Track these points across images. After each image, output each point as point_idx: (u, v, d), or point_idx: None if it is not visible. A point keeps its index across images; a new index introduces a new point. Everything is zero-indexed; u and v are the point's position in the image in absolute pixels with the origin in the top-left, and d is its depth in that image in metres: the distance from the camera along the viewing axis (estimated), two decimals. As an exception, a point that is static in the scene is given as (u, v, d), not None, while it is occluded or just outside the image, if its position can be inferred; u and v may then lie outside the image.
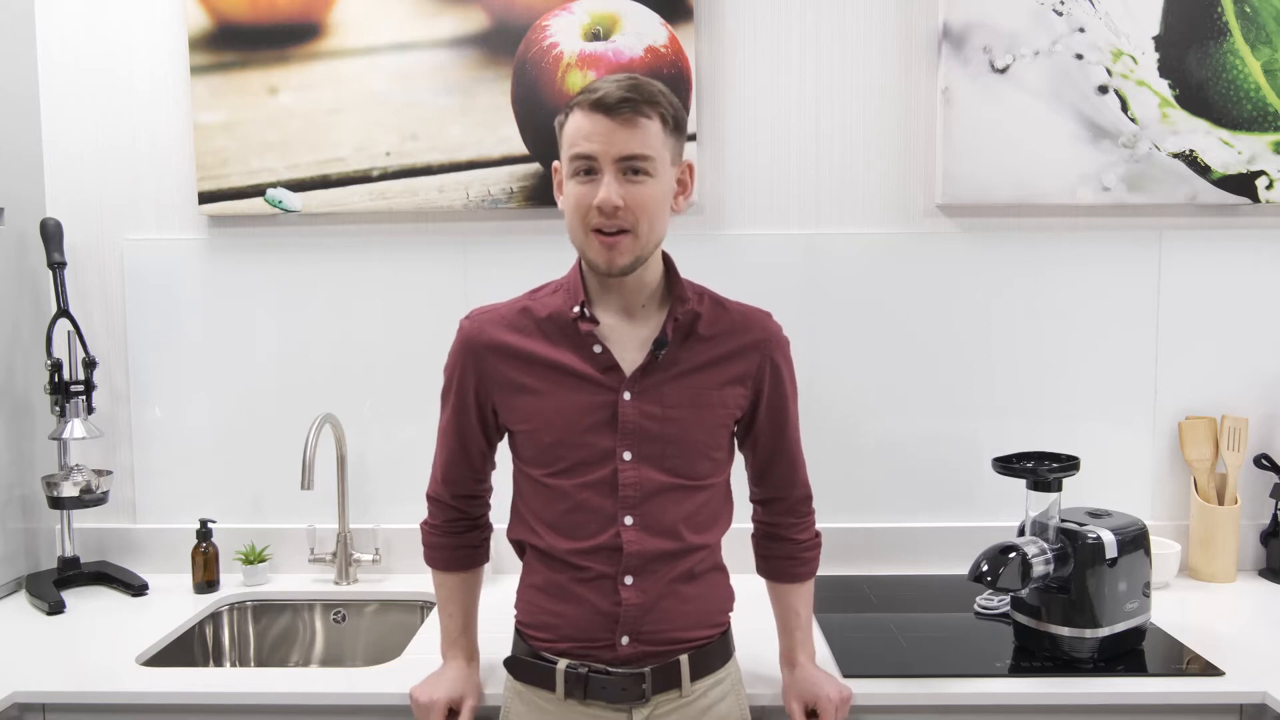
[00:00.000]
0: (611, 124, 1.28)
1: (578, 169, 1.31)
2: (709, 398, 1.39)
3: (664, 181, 1.33)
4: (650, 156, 1.30)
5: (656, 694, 1.37)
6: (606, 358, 1.36)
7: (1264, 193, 2.00)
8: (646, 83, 1.31)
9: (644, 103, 1.29)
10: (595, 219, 1.30)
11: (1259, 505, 2.07)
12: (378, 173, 2.04)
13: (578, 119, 1.30)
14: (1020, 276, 2.06)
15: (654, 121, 1.30)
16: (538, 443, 1.38)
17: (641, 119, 1.29)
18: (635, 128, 1.28)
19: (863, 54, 2.04)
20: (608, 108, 1.28)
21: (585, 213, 1.30)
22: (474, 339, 1.41)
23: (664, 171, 1.33)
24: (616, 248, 1.30)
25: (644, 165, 1.30)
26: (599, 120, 1.28)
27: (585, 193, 1.30)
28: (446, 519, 1.50)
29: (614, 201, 1.28)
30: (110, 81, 2.09)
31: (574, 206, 1.32)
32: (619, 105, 1.27)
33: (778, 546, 1.51)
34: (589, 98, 1.29)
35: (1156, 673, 1.57)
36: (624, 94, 1.28)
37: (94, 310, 2.12)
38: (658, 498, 1.36)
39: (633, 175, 1.30)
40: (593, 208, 1.29)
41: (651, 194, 1.31)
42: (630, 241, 1.31)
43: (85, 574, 2.04)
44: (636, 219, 1.30)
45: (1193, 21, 1.97)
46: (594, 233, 1.31)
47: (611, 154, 1.28)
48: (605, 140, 1.28)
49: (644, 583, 1.36)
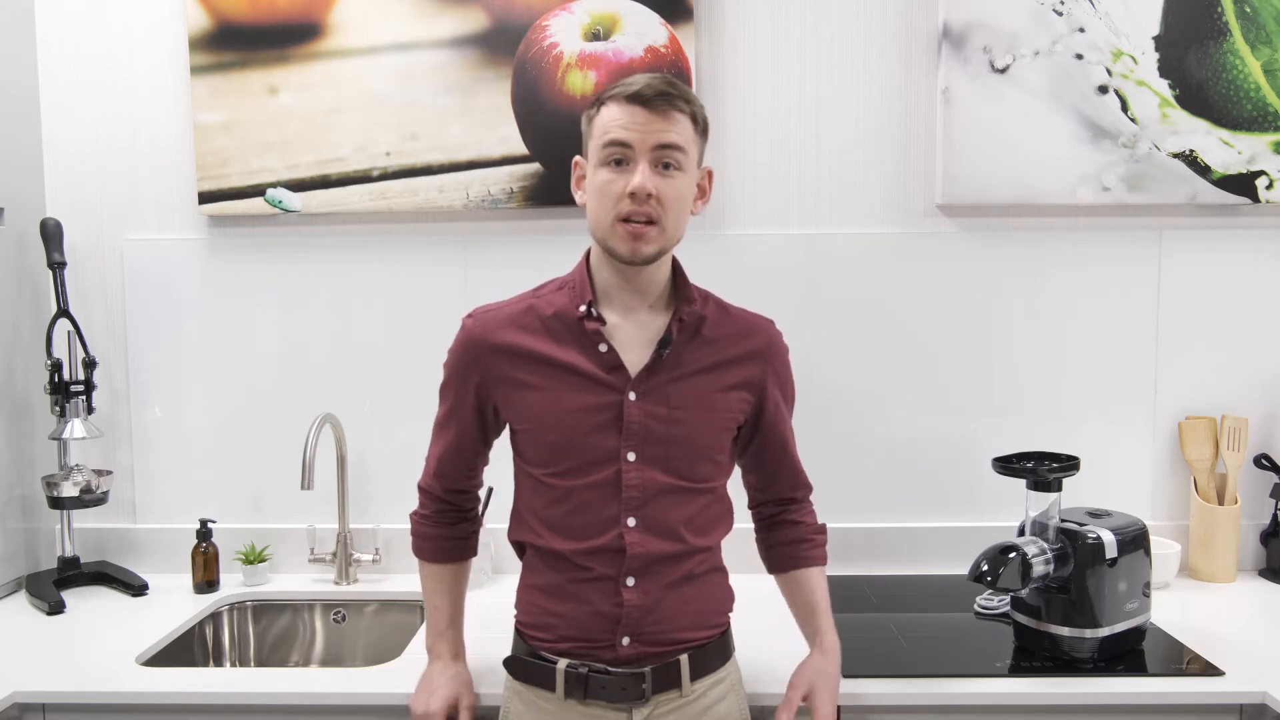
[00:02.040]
0: (649, 114, 1.29)
1: (609, 157, 1.31)
2: (714, 400, 1.39)
3: (691, 179, 1.35)
4: (684, 148, 1.32)
5: (656, 694, 1.36)
6: (612, 357, 1.36)
7: (1264, 193, 2.00)
8: (679, 81, 1.34)
9: (680, 98, 1.31)
10: (626, 207, 1.30)
11: (1259, 505, 2.07)
12: (378, 173, 2.04)
13: (612, 110, 1.31)
14: (1020, 276, 2.06)
15: (686, 118, 1.32)
16: (540, 442, 1.38)
17: (676, 112, 1.31)
18: (670, 120, 1.30)
19: (863, 54, 2.04)
20: (645, 100, 1.29)
21: (616, 199, 1.30)
22: (477, 338, 1.40)
23: (692, 169, 1.35)
24: (643, 237, 1.31)
25: (676, 158, 1.31)
26: (636, 111, 1.30)
27: (616, 180, 1.30)
28: (436, 510, 1.51)
29: (648, 187, 1.28)
30: (110, 81, 2.09)
31: (602, 194, 1.32)
32: (656, 98, 1.29)
33: (785, 531, 1.50)
34: (625, 90, 1.30)
35: (1156, 673, 1.57)
36: (662, 88, 1.30)
37: (94, 310, 2.12)
38: (660, 499, 1.36)
39: (664, 169, 1.31)
40: (624, 195, 1.29)
41: (681, 188, 1.33)
42: (657, 233, 1.31)
43: (85, 574, 2.04)
44: (665, 211, 1.31)
45: (1193, 21, 1.97)
46: (620, 221, 1.31)
47: (648, 143, 1.29)
48: (642, 130, 1.29)
49: (645, 584, 1.36)
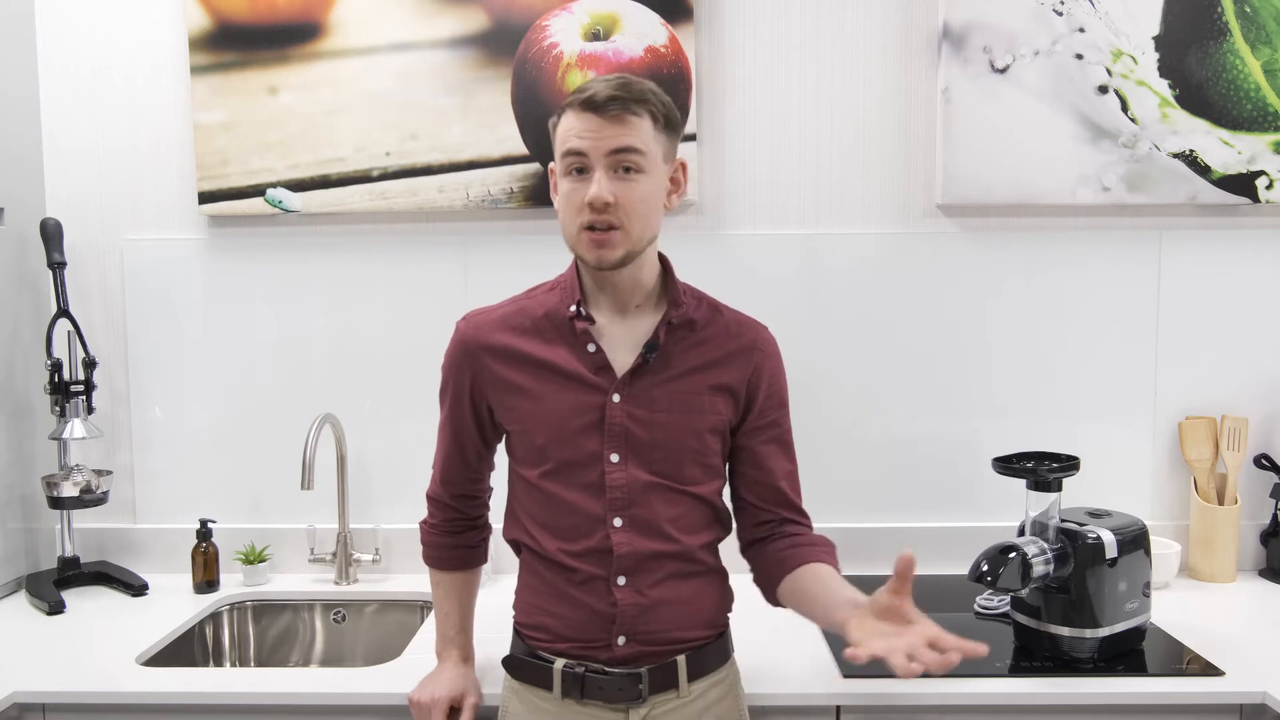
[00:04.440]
0: (601, 121, 1.28)
1: (569, 167, 1.31)
2: (699, 403, 1.38)
3: (655, 179, 1.33)
4: (640, 150, 1.30)
5: (654, 694, 1.36)
6: (600, 357, 1.36)
7: (1264, 193, 2.00)
8: (636, 81, 1.32)
9: (633, 100, 1.29)
10: (587, 215, 1.30)
11: (1259, 505, 2.07)
12: (378, 173, 2.04)
13: (569, 119, 1.31)
14: (1020, 276, 2.06)
15: (644, 119, 1.31)
16: (529, 444, 1.38)
17: (630, 116, 1.29)
18: (624, 125, 1.29)
19: (863, 54, 2.04)
20: (597, 106, 1.28)
21: (578, 209, 1.30)
22: (469, 341, 1.41)
23: (655, 169, 1.33)
24: (606, 244, 1.30)
25: (634, 161, 1.30)
26: (589, 119, 1.29)
27: (577, 190, 1.30)
28: (445, 519, 1.51)
29: (604, 197, 1.28)
30: (110, 81, 2.09)
31: (566, 204, 1.32)
32: (608, 103, 1.28)
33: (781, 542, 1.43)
34: (579, 98, 1.30)
35: (1156, 673, 1.57)
36: (612, 92, 1.28)
37: (94, 310, 2.12)
38: (646, 498, 1.36)
39: (623, 173, 1.30)
40: (584, 204, 1.29)
41: (642, 191, 1.31)
42: (620, 237, 1.31)
43: (85, 574, 2.04)
44: (627, 216, 1.30)
45: (1193, 21, 1.97)
46: (585, 230, 1.31)
47: (601, 149, 1.29)
48: (595, 137, 1.29)
49: (638, 583, 1.36)
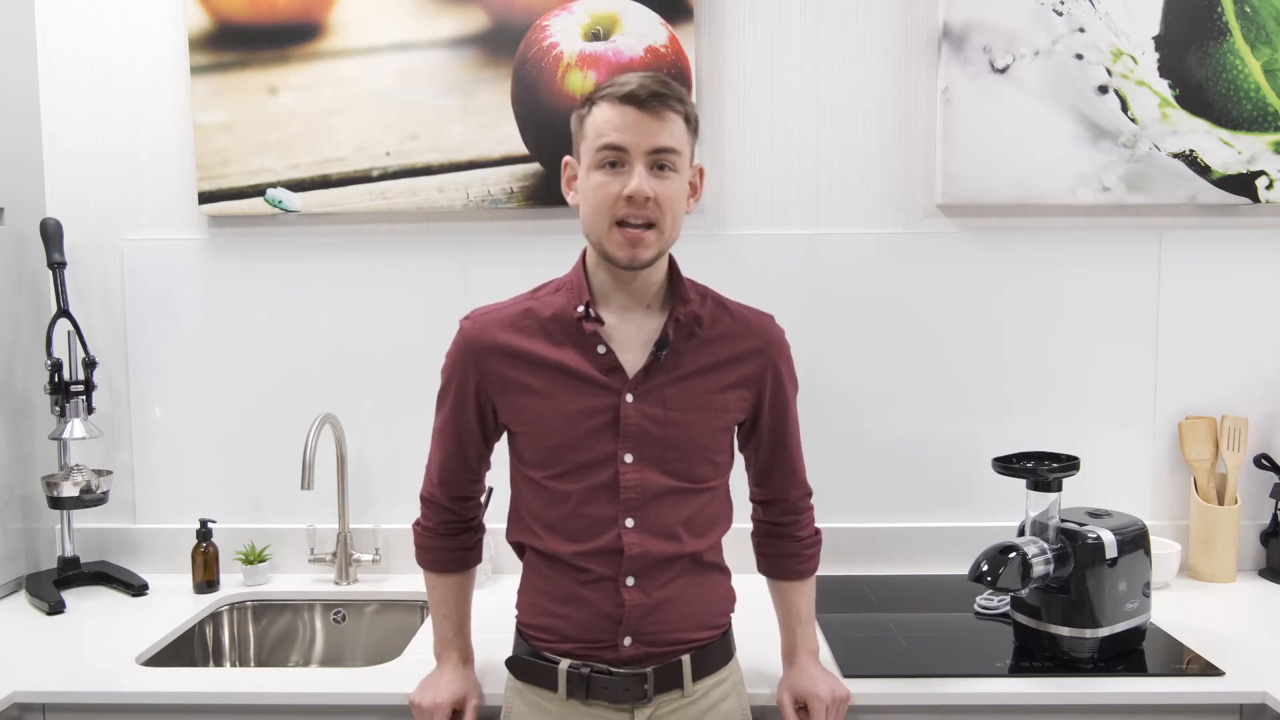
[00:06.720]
0: (643, 116, 1.28)
1: (604, 160, 1.29)
2: (712, 401, 1.38)
3: (685, 180, 1.34)
4: (679, 151, 1.31)
5: (659, 694, 1.37)
6: (610, 358, 1.36)
7: (1264, 193, 2.00)
8: (671, 80, 1.32)
9: (673, 98, 1.30)
10: (622, 210, 1.28)
11: (1259, 505, 2.07)
12: (378, 173, 2.04)
13: (605, 111, 1.29)
14: (1020, 276, 2.06)
15: (680, 118, 1.31)
16: (539, 445, 1.38)
17: (671, 114, 1.29)
18: (665, 122, 1.29)
19: (863, 54, 2.04)
20: (639, 101, 1.27)
21: (611, 203, 1.29)
22: (475, 340, 1.39)
23: (685, 170, 1.34)
24: (641, 242, 1.30)
25: (672, 160, 1.30)
26: (630, 112, 1.28)
27: (610, 182, 1.29)
28: (440, 521, 1.49)
29: (646, 191, 1.27)
30: (110, 81, 2.09)
31: (598, 197, 1.30)
32: (651, 99, 1.28)
33: (779, 544, 1.51)
34: (619, 90, 1.28)
35: (1156, 673, 1.57)
36: (656, 88, 1.28)
37: (94, 310, 2.12)
38: (658, 500, 1.36)
39: (659, 171, 1.29)
40: (620, 198, 1.28)
41: (677, 189, 1.32)
42: (654, 237, 1.30)
43: (85, 574, 2.04)
44: (663, 213, 1.30)
45: (1193, 21, 1.97)
46: (618, 225, 1.29)
47: (644, 146, 1.28)
48: (637, 132, 1.27)
49: (646, 584, 1.36)
